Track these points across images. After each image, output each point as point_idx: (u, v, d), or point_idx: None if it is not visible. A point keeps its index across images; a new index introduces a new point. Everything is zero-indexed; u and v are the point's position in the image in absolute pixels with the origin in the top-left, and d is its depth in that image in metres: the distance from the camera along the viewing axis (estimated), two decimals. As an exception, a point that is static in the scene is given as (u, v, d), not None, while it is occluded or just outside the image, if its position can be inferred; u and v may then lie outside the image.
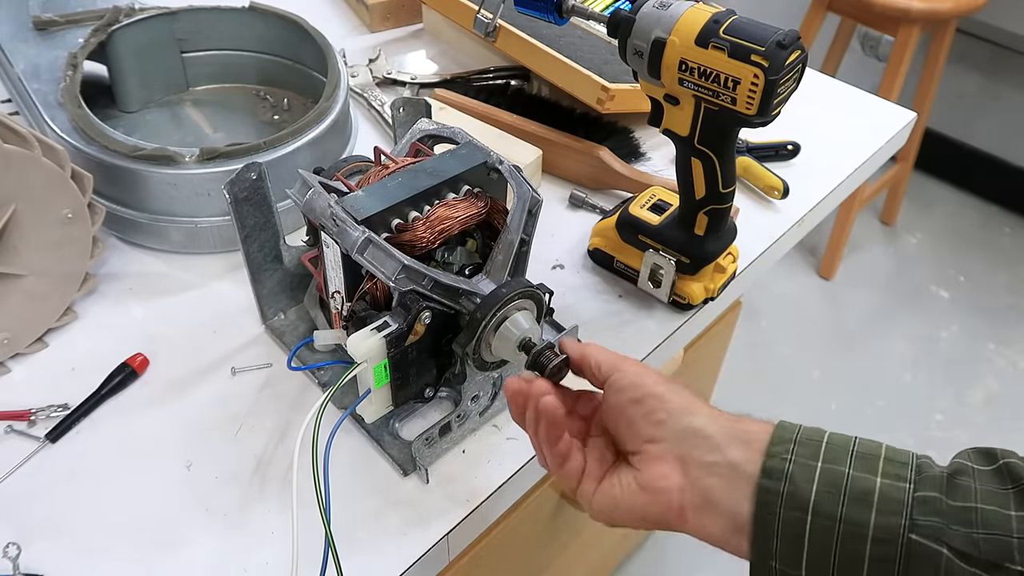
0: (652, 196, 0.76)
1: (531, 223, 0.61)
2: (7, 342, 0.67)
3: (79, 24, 0.89)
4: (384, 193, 0.58)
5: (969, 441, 1.80)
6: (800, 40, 0.59)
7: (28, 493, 0.60)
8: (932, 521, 0.43)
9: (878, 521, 0.43)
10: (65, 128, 0.76)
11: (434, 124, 0.64)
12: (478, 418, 0.65)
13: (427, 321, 0.57)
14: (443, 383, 0.64)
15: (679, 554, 1.59)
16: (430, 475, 0.62)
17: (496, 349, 0.59)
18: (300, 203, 0.59)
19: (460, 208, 0.60)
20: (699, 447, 0.48)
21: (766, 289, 2.10)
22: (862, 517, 0.43)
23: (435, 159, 0.62)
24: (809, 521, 0.44)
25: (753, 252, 0.83)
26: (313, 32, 0.88)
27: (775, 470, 0.46)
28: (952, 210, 2.44)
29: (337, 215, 0.56)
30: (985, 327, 2.08)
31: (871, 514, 0.43)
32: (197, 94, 0.95)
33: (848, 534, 0.43)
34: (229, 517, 0.59)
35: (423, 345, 0.59)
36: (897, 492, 0.44)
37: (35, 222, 0.66)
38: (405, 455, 0.62)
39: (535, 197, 0.61)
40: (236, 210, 0.62)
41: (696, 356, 1.01)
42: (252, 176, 0.62)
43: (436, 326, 0.58)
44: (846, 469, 0.45)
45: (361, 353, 0.55)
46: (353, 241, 0.55)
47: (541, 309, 0.61)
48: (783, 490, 0.45)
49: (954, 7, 1.86)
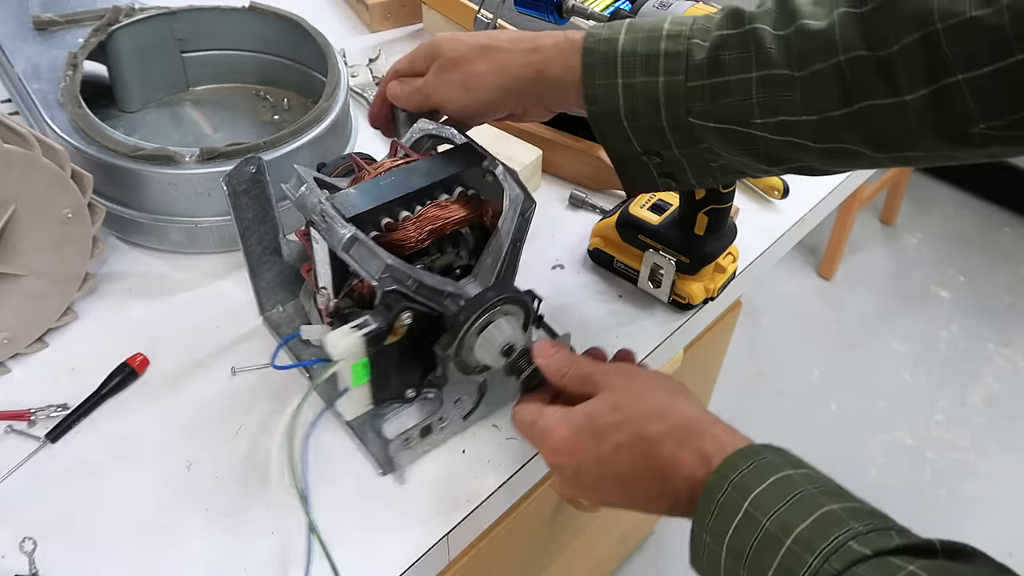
0: (652, 196, 0.76)
1: (523, 226, 0.61)
2: (7, 342, 0.67)
3: (79, 24, 0.89)
4: (376, 192, 0.58)
5: (970, 441, 1.81)
6: (800, 40, 0.59)
7: (28, 493, 0.60)
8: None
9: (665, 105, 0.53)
10: (65, 128, 0.76)
11: (433, 124, 0.64)
12: (462, 421, 0.64)
13: (407, 321, 0.57)
14: (427, 385, 0.64)
15: (679, 554, 1.58)
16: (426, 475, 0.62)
17: (478, 353, 0.58)
18: (293, 198, 0.59)
19: (452, 209, 0.60)
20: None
21: (766, 289, 2.10)
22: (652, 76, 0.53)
23: (430, 160, 0.62)
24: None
25: (753, 252, 0.83)
26: (313, 32, 0.88)
27: None
28: (952, 210, 2.44)
29: (326, 211, 0.56)
30: (985, 327, 2.08)
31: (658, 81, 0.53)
32: (197, 94, 0.95)
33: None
34: (229, 517, 0.59)
35: (404, 346, 0.58)
36: (676, 89, 0.53)
37: (35, 222, 0.66)
38: (385, 454, 0.61)
39: (527, 201, 0.61)
40: (234, 203, 0.62)
41: (696, 356, 1.01)
42: (251, 169, 0.62)
43: (420, 327, 0.58)
44: (641, 79, 0.53)
45: (338, 351, 0.55)
46: (339, 239, 0.55)
47: (529, 315, 0.60)
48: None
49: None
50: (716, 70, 0.51)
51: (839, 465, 1.83)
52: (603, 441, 0.51)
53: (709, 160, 0.55)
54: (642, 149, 0.55)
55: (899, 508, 1.45)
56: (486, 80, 0.59)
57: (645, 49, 0.53)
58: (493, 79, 0.58)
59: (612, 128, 0.55)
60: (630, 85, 0.53)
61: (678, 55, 0.52)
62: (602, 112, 0.54)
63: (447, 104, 0.61)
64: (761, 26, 0.51)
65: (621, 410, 0.52)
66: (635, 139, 0.55)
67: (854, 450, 1.79)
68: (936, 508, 1.68)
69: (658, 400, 0.53)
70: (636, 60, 0.53)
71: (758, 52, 0.50)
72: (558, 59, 0.56)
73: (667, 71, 0.52)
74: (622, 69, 0.53)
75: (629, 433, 0.51)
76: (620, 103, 0.53)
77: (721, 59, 0.51)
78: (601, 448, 0.51)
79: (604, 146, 0.57)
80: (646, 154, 0.56)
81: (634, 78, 0.53)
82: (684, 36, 0.52)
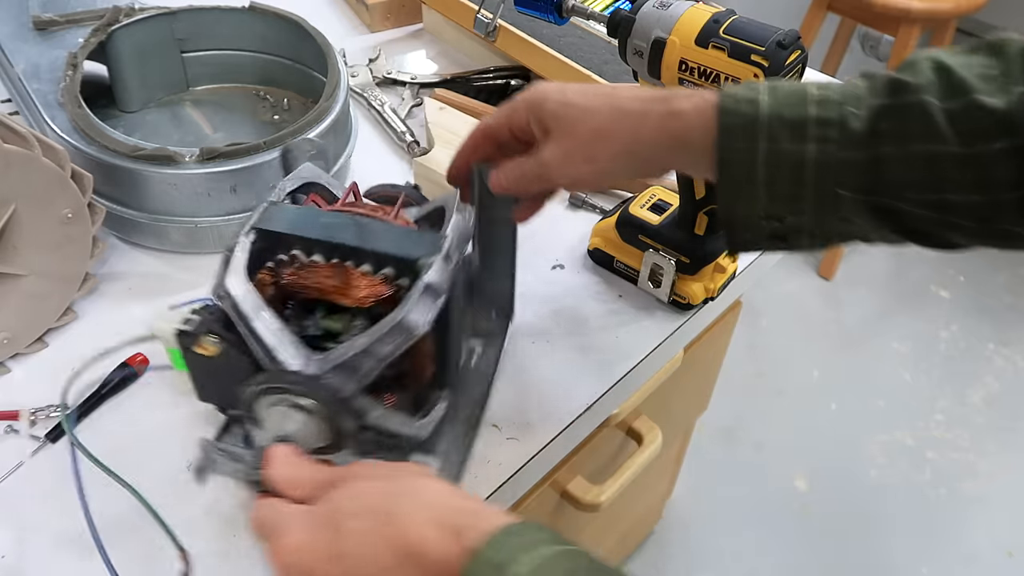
0: (652, 196, 0.77)
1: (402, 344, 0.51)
2: (7, 342, 0.67)
3: (79, 24, 0.89)
4: (307, 221, 0.54)
5: (970, 441, 1.81)
6: (800, 40, 0.59)
7: (27, 493, 0.60)
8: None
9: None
10: (65, 128, 0.76)
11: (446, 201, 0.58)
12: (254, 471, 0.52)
13: (215, 346, 0.52)
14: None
15: (679, 554, 1.59)
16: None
17: (265, 423, 0.52)
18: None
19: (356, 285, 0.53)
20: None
21: (766, 289, 2.10)
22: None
23: (386, 225, 0.56)
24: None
25: (753, 252, 0.83)
26: (313, 32, 0.88)
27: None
28: (952, 210, 2.44)
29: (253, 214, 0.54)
30: (985, 327, 2.08)
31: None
32: (197, 94, 0.95)
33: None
34: (230, 517, 0.59)
35: (222, 367, 0.53)
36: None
37: (35, 222, 0.66)
38: (203, 455, 0.53)
39: (411, 326, 0.51)
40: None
41: (696, 356, 1.01)
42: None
43: (242, 363, 0.52)
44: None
45: (154, 328, 0.52)
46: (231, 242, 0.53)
47: (341, 435, 0.52)
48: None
49: (954, 7, 1.86)
50: (874, 141, 0.47)
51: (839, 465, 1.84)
52: (341, 530, 0.43)
53: (837, 227, 0.51)
54: (766, 214, 0.51)
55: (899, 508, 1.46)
56: (614, 148, 0.52)
57: (793, 114, 0.49)
58: (622, 146, 0.52)
59: (742, 193, 0.50)
60: (775, 151, 0.49)
61: (830, 122, 0.48)
62: (736, 177, 0.50)
63: (569, 185, 0.56)
64: (927, 98, 0.47)
65: (362, 497, 0.44)
66: (765, 205, 0.50)
67: (854, 450, 1.79)
68: (936, 508, 1.68)
69: (403, 481, 0.46)
70: (783, 124, 0.48)
71: (924, 125, 0.47)
72: (699, 123, 0.51)
73: (818, 139, 0.48)
74: (767, 133, 0.49)
75: (371, 516, 0.43)
76: (759, 168, 0.49)
77: (880, 130, 0.47)
78: (340, 540, 0.43)
79: (722, 208, 0.51)
80: (767, 218, 0.51)
81: (780, 144, 0.48)
82: (835, 102, 0.49)
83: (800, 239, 0.52)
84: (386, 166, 0.90)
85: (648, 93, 0.53)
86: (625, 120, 0.52)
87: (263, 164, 0.74)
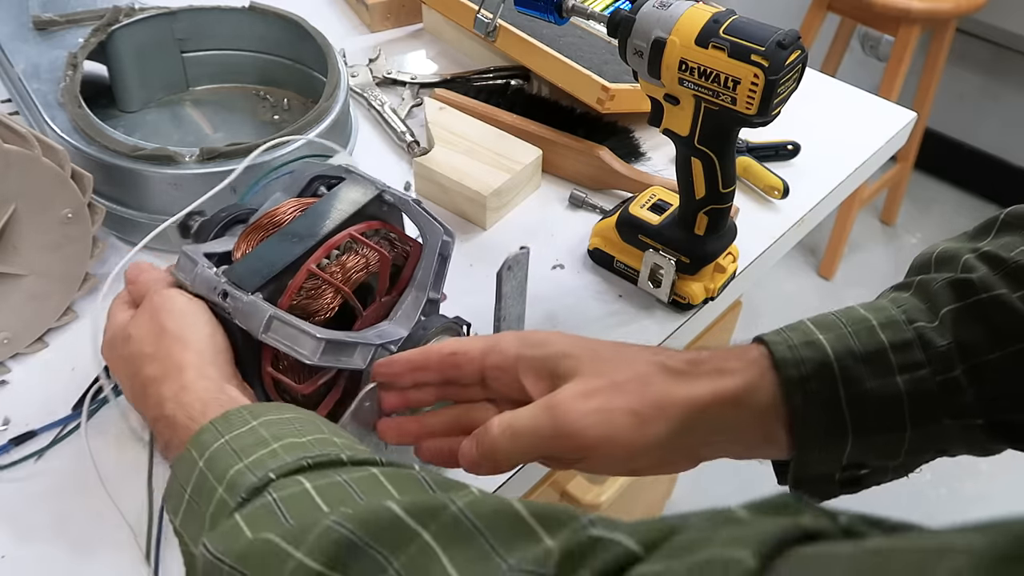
0: (652, 196, 0.76)
1: (444, 264, 0.54)
2: (7, 342, 0.67)
3: (79, 24, 0.89)
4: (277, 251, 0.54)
5: (969, 441, 1.81)
6: (800, 40, 0.59)
7: (27, 494, 0.60)
8: None
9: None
10: (65, 128, 0.76)
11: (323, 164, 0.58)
12: None
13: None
14: None
15: (679, 554, 1.59)
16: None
17: None
18: (190, 284, 0.55)
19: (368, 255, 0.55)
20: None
21: (766, 289, 2.10)
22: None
23: (316, 208, 0.57)
24: None
25: (753, 252, 0.83)
26: (313, 32, 0.88)
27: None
28: (952, 210, 2.44)
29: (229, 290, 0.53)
30: (985, 327, 2.08)
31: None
32: (197, 94, 0.95)
33: None
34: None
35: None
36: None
37: (35, 222, 0.66)
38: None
39: (447, 239, 0.54)
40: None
41: (696, 356, 1.01)
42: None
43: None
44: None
45: None
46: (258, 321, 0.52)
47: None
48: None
49: (954, 7, 1.86)
50: (967, 354, 0.42)
51: (839, 465, 1.83)
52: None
53: (925, 460, 0.46)
54: (849, 461, 0.45)
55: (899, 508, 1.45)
56: (670, 412, 0.45)
57: (865, 346, 0.43)
58: (678, 410, 0.45)
59: (825, 449, 0.44)
60: (859, 394, 0.43)
61: (909, 345, 0.43)
62: (817, 434, 0.43)
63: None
64: (1000, 291, 0.42)
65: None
66: (851, 455, 0.44)
67: (854, 450, 1.79)
68: (936, 508, 1.68)
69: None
70: (858, 361, 0.43)
71: (1012, 323, 0.42)
72: (759, 379, 0.44)
73: (902, 368, 0.43)
74: (842, 378, 0.43)
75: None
76: (847, 417, 0.43)
77: (965, 341, 0.42)
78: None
79: (798, 465, 0.45)
80: (848, 468, 0.45)
81: (863, 385, 0.43)
82: (901, 321, 0.44)
83: (878, 478, 0.47)
84: (386, 166, 0.90)
85: (690, 355, 0.48)
86: (680, 379, 0.48)
87: (263, 164, 0.74)
